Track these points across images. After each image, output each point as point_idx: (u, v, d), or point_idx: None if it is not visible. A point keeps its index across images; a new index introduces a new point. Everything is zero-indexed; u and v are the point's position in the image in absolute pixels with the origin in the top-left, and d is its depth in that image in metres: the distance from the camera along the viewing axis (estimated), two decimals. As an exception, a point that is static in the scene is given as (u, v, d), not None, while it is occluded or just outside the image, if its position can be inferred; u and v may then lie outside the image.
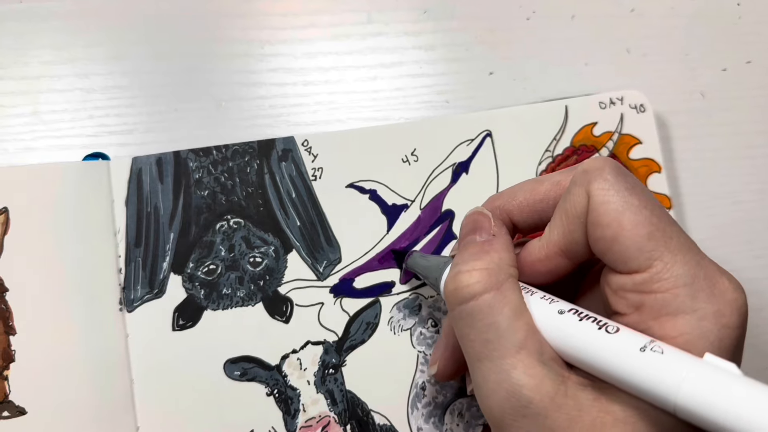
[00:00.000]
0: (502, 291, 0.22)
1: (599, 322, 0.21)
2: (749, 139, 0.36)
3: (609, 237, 0.21)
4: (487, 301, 0.22)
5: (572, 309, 0.22)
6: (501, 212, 0.26)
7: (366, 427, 0.30)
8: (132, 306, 0.30)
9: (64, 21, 0.34)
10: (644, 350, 0.19)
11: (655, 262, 0.20)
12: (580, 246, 0.22)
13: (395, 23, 0.35)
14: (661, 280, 0.20)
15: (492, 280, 0.22)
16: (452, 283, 0.23)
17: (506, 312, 0.22)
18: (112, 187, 0.31)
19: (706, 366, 0.18)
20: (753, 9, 0.37)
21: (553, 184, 0.25)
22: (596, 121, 0.33)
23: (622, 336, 0.20)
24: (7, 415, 0.29)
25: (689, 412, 0.18)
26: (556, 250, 0.23)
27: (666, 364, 0.19)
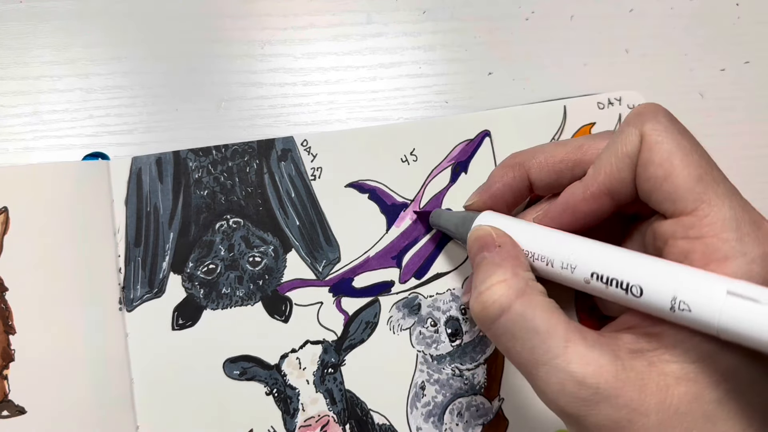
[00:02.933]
0: (527, 295, 0.23)
1: (624, 285, 0.21)
2: (748, 139, 0.36)
3: (660, 176, 0.21)
4: (517, 311, 0.22)
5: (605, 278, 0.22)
6: (520, 168, 0.27)
7: (365, 426, 0.30)
8: (131, 305, 0.30)
9: (64, 21, 0.34)
10: (672, 309, 0.20)
11: (703, 205, 0.21)
12: (627, 186, 0.23)
13: (395, 24, 0.35)
14: (709, 224, 0.20)
15: (513, 289, 0.23)
16: (478, 305, 0.23)
17: (539, 313, 0.22)
18: (112, 186, 0.31)
19: (730, 308, 0.18)
20: (751, 9, 0.37)
21: (575, 147, 0.25)
22: (594, 122, 0.33)
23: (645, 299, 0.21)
24: (7, 415, 0.29)
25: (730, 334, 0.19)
26: (602, 188, 0.23)
27: (696, 321, 0.19)
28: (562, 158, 0.26)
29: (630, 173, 0.23)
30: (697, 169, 0.21)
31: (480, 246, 0.25)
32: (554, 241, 0.24)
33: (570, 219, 0.25)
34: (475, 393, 0.31)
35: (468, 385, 0.31)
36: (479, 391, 0.31)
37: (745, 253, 0.20)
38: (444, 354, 0.31)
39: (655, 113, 0.23)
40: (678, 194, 0.21)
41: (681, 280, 0.20)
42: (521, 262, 0.24)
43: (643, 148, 0.22)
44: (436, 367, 0.31)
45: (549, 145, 0.27)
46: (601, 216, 0.24)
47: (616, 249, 0.22)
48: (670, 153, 0.22)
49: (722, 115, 0.36)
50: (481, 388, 0.31)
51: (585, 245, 0.23)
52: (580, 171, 0.25)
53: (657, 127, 0.22)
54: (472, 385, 0.31)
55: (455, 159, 0.33)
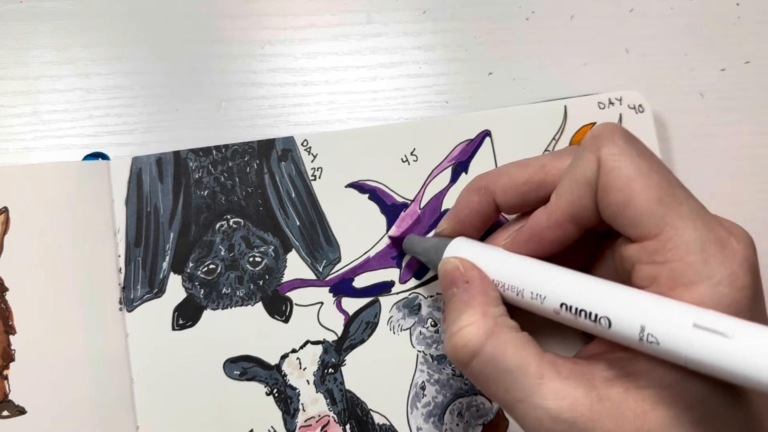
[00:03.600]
0: (497, 335, 0.22)
1: (593, 317, 0.21)
2: (748, 139, 0.36)
3: (620, 202, 0.21)
4: (488, 354, 0.22)
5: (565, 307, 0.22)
6: (485, 191, 0.26)
7: (365, 426, 0.30)
8: (132, 305, 0.30)
9: (64, 21, 0.34)
10: (641, 341, 0.20)
11: (666, 228, 0.20)
12: (589, 211, 0.22)
13: (395, 23, 0.35)
14: (673, 247, 0.20)
15: (483, 331, 0.23)
16: (450, 348, 0.23)
17: (510, 352, 0.22)
18: (112, 186, 0.31)
19: (698, 340, 0.18)
20: (752, 9, 0.37)
21: (538, 168, 0.25)
22: (595, 122, 0.33)
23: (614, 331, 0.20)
24: (7, 415, 0.29)
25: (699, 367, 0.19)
26: (565, 216, 0.23)
27: (664, 353, 0.19)
28: (526, 180, 0.25)
29: (591, 199, 0.22)
30: (657, 191, 0.21)
31: (449, 281, 0.25)
32: (523, 271, 0.24)
33: (537, 246, 0.24)
34: (475, 393, 0.31)
35: (468, 385, 0.31)
36: (479, 392, 0.31)
37: (710, 276, 0.20)
38: (444, 354, 0.31)
39: (611, 135, 0.22)
40: (640, 219, 0.21)
41: (648, 312, 0.20)
42: (490, 298, 0.24)
43: (601, 174, 0.22)
44: (436, 368, 0.31)
45: (512, 165, 0.26)
46: (569, 241, 0.24)
47: (585, 278, 0.22)
48: (628, 177, 0.21)
49: (722, 115, 0.36)
50: (481, 388, 0.31)
51: (554, 275, 0.23)
52: (544, 192, 0.25)
53: (613, 150, 0.21)
54: (473, 385, 0.31)
55: (456, 159, 0.33)
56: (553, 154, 0.26)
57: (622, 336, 0.20)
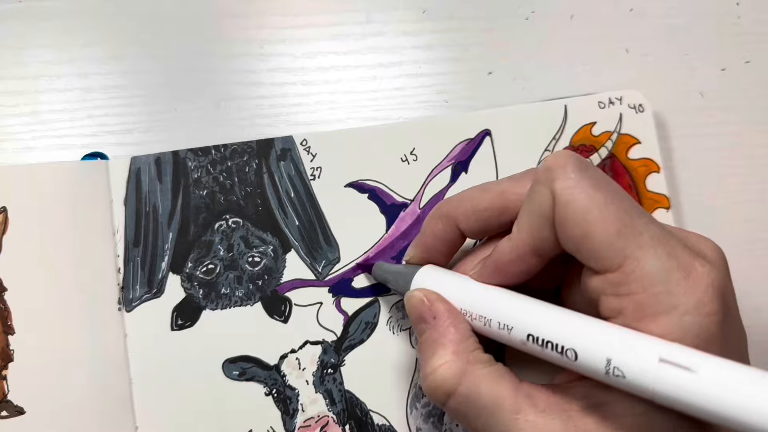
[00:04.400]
0: (470, 372, 0.23)
1: (559, 348, 0.21)
2: (749, 139, 0.36)
3: (578, 235, 0.21)
4: (463, 393, 0.22)
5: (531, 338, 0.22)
6: (448, 219, 0.26)
7: (365, 427, 0.30)
8: (131, 306, 0.30)
9: (64, 21, 0.34)
10: (608, 375, 0.19)
11: (627, 260, 0.20)
12: (550, 243, 0.22)
13: (394, 23, 0.35)
14: (635, 279, 0.20)
15: (455, 370, 0.23)
16: (426, 389, 0.24)
17: (484, 389, 0.22)
18: (111, 186, 0.31)
19: (664, 375, 0.18)
20: (752, 9, 0.37)
21: (498, 194, 0.25)
22: (595, 121, 0.33)
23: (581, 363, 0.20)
24: (6, 415, 0.29)
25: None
26: (527, 249, 0.23)
27: (631, 387, 0.19)
28: (486, 206, 0.25)
29: (550, 232, 0.22)
30: (615, 223, 0.20)
31: (416, 317, 0.25)
32: (491, 301, 0.24)
33: (503, 278, 0.24)
34: (475, 393, 0.31)
35: (468, 386, 0.31)
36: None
37: (676, 305, 0.19)
38: (444, 354, 0.31)
39: (564, 167, 0.21)
40: (599, 252, 0.20)
41: (614, 345, 0.19)
42: (461, 333, 0.24)
43: (556, 208, 0.21)
44: (435, 368, 0.31)
45: (474, 190, 0.26)
46: (534, 271, 0.24)
47: (553, 309, 0.22)
48: (584, 210, 0.20)
49: (723, 115, 0.36)
50: (481, 388, 0.31)
51: (521, 305, 0.23)
52: (506, 218, 0.25)
53: (567, 183, 0.21)
54: (472, 386, 0.31)
55: (455, 158, 0.33)
56: (512, 179, 0.25)
57: (588, 369, 0.20)
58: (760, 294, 0.34)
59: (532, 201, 0.22)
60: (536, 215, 0.22)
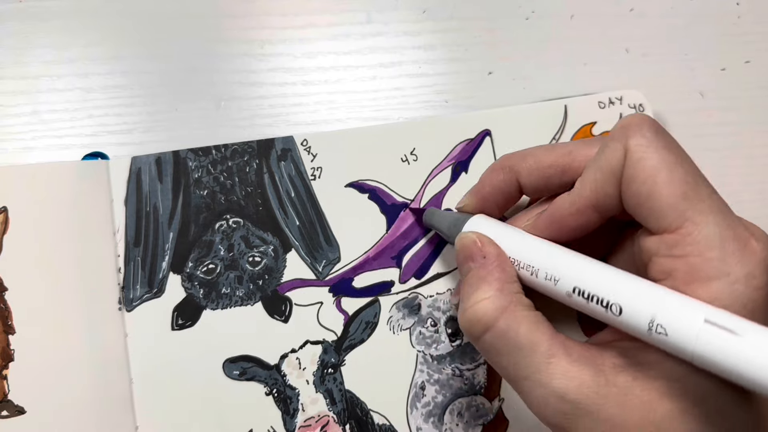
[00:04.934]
0: (511, 311, 0.23)
1: (604, 303, 0.21)
2: (749, 139, 0.36)
3: (644, 193, 0.21)
4: (501, 328, 0.22)
5: (576, 289, 0.22)
6: (510, 171, 0.26)
7: (365, 426, 0.30)
8: (131, 305, 0.30)
9: (64, 21, 0.34)
10: (650, 331, 0.20)
11: (687, 223, 0.20)
12: (613, 200, 0.22)
13: (395, 23, 0.35)
14: (692, 242, 0.20)
15: (498, 305, 0.23)
16: (464, 321, 0.24)
17: (522, 330, 0.22)
18: (112, 186, 0.31)
19: (707, 336, 0.18)
20: (752, 9, 0.37)
21: (565, 153, 0.25)
22: (595, 121, 0.33)
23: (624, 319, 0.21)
24: (6, 415, 0.29)
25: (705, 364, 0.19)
26: (587, 203, 0.23)
27: (671, 345, 0.19)
28: (551, 163, 0.25)
29: (615, 189, 0.22)
30: (681, 185, 0.21)
31: (466, 256, 0.25)
32: (540, 252, 0.24)
33: (558, 232, 0.24)
34: (475, 393, 0.31)
35: (468, 386, 0.31)
36: (479, 392, 0.31)
37: (728, 273, 0.20)
38: (444, 354, 0.31)
39: (640, 126, 0.22)
40: (662, 212, 0.21)
41: (661, 303, 0.20)
42: (507, 275, 0.24)
43: (626, 164, 0.22)
44: (436, 368, 0.31)
45: (539, 148, 0.26)
46: (590, 228, 0.24)
47: (600, 265, 0.22)
48: (654, 169, 0.21)
49: (723, 115, 0.36)
50: (481, 388, 0.31)
51: (570, 259, 0.23)
52: (569, 178, 0.25)
53: (641, 141, 0.21)
54: (472, 386, 0.31)
55: (456, 158, 0.33)
56: (581, 141, 0.26)
57: (631, 325, 0.20)
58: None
59: (603, 155, 0.23)
60: (604, 170, 0.22)
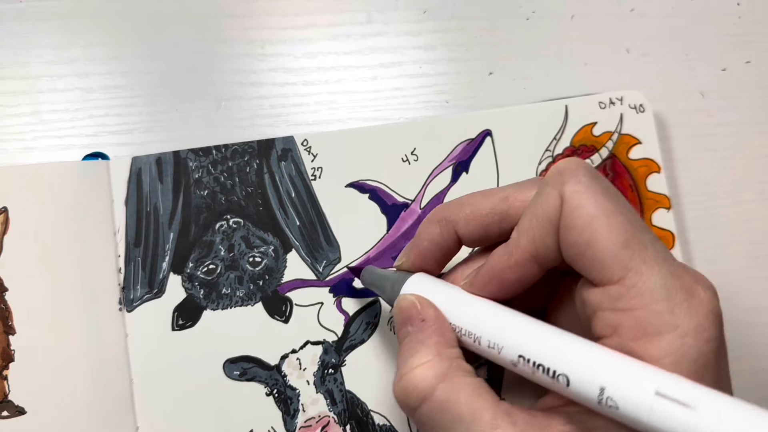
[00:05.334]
0: (450, 379, 0.21)
1: (551, 373, 0.20)
2: (749, 139, 0.36)
3: (583, 242, 0.20)
4: (440, 398, 0.21)
5: (521, 358, 0.21)
6: (447, 223, 0.25)
7: (365, 427, 0.30)
8: (131, 306, 0.30)
9: (64, 21, 0.34)
10: (600, 404, 0.19)
11: (630, 273, 0.19)
12: (551, 251, 0.21)
13: (395, 23, 0.35)
14: (637, 294, 0.19)
15: (436, 372, 0.22)
16: (399, 390, 0.22)
17: (463, 399, 0.21)
18: (112, 186, 0.31)
19: (659, 409, 0.18)
20: (753, 9, 0.37)
21: (501, 199, 0.24)
22: (596, 121, 0.33)
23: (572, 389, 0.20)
24: (7, 415, 0.29)
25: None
26: (526, 255, 0.22)
27: (624, 418, 0.18)
28: (488, 211, 0.24)
29: (553, 238, 0.21)
30: (622, 233, 0.20)
31: (404, 319, 0.24)
32: (482, 317, 0.23)
33: (498, 287, 0.23)
34: (475, 393, 0.31)
35: (469, 386, 0.31)
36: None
37: (677, 326, 0.19)
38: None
39: (575, 172, 0.21)
40: (603, 262, 0.20)
41: (610, 374, 0.19)
42: (446, 339, 0.23)
43: (563, 212, 0.20)
44: (436, 368, 0.31)
45: (475, 195, 0.25)
46: (531, 281, 0.23)
47: (546, 330, 0.21)
48: (591, 217, 0.20)
49: (723, 115, 0.36)
50: (481, 388, 0.31)
51: (513, 324, 0.22)
52: (507, 225, 0.24)
53: (577, 188, 0.20)
54: (473, 386, 0.31)
55: (456, 158, 0.33)
56: (516, 185, 0.25)
57: (580, 396, 0.19)
58: (760, 294, 0.34)
59: (539, 203, 0.22)
60: (541, 219, 0.21)
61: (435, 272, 0.27)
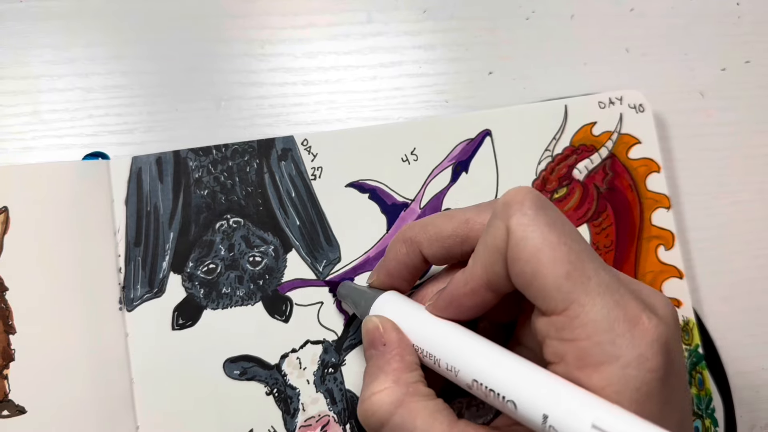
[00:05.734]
0: (407, 404, 0.23)
1: (501, 398, 0.21)
2: (749, 139, 0.36)
3: (528, 273, 0.21)
4: (396, 422, 0.22)
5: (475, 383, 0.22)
6: (411, 244, 0.26)
7: (365, 426, 0.30)
8: (132, 305, 0.30)
9: (64, 21, 0.34)
10: (545, 429, 0.19)
11: (573, 305, 0.20)
12: (503, 279, 0.22)
13: (395, 23, 0.35)
14: (580, 325, 0.20)
15: (393, 398, 0.23)
16: (361, 413, 0.24)
17: (419, 423, 0.22)
18: (112, 186, 0.31)
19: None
20: (752, 9, 0.37)
21: (462, 222, 0.25)
22: (595, 121, 0.33)
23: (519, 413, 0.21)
24: (7, 414, 0.29)
25: None
26: (480, 283, 0.23)
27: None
28: (450, 234, 0.25)
29: (503, 268, 0.22)
30: (564, 265, 0.20)
31: (368, 342, 0.25)
32: (441, 340, 0.24)
33: (457, 311, 0.24)
34: (475, 393, 0.31)
35: (468, 385, 0.31)
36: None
37: (618, 356, 0.19)
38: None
39: (521, 203, 0.21)
40: (547, 293, 0.20)
41: (553, 401, 0.19)
42: (406, 363, 0.24)
43: (510, 244, 0.21)
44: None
45: (440, 216, 0.26)
46: (488, 306, 0.24)
47: (500, 354, 0.22)
48: (535, 249, 0.20)
49: (723, 115, 0.36)
50: (481, 387, 0.31)
51: (469, 348, 0.23)
52: (468, 247, 0.25)
53: (522, 220, 0.21)
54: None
55: (456, 158, 0.33)
56: (477, 207, 0.25)
57: (526, 421, 0.20)
58: (760, 294, 0.34)
59: (488, 234, 0.22)
60: (490, 249, 0.22)
61: (405, 289, 0.28)
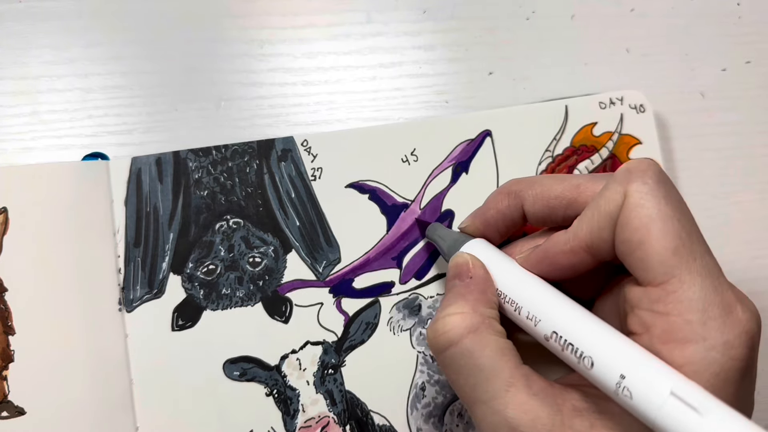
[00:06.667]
0: (480, 333, 0.22)
1: (578, 353, 0.21)
2: (749, 139, 0.36)
3: (635, 241, 0.21)
4: (466, 346, 0.22)
5: (554, 334, 0.22)
6: (516, 197, 0.26)
7: (365, 427, 0.30)
8: (131, 306, 0.30)
9: (64, 21, 0.34)
10: (616, 392, 0.19)
11: (673, 279, 0.20)
12: (606, 244, 0.22)
13: (395, 23, 0.35)
14: (675, 301, 0.20)
15: (467, 323, 0.23)
16: (431, 331, 0.23)
17: (487, 353, 0.22)
18: (112, 187, 0.31)
19: (670, 408, 0.18)
20: (753, 9, 0.37)
21: (573, 185, 0.25)
22: (596, 121, 0.33)
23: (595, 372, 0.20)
24: (7, 415, 0.29)
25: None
26: (581, 244, 0.23)
27: (634, 409, 0.19)
28: (558, 195, 0.25)
29: (610, 233, 0.22)
30: (674, 239, 0.20)
31: (454, 273, 0.25)
32: (527, 290, 0.24)
33: (549, 269, 0.24)
34: (475, 394, 0.31)
35: (468, 386, 0.31)
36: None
37: (705, 338, 0.19)
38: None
39: (644, 172, 0.21)
40: (650, 263, 0.20)
41: (632, 365, 0.19)
42: (486, 299, 0.24)
43: (623, 209, 0.21)
44: (436, 368, 0.31)
45: (549, 177, 0.26)
46: (583, 270, 0.24)
47: (583, 313, 0.22)
48: (649, 218, 0.20)
49: (723, 115, 0.36)
50: (481, 388, 0.31)
51: (554, 302, 0.23)
52: (573, 211, 0.25)
53: (641, 188, 0.21)
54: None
55: (456, 159, 0.33)
56: (590, 176, 0.25)
57: (600, 380, 0.20)
58: (760, 294, 0.34)
59: (603, 197, 0.22)
60: (602, 212, 0.22)
61: (495, 242, 0.28)
